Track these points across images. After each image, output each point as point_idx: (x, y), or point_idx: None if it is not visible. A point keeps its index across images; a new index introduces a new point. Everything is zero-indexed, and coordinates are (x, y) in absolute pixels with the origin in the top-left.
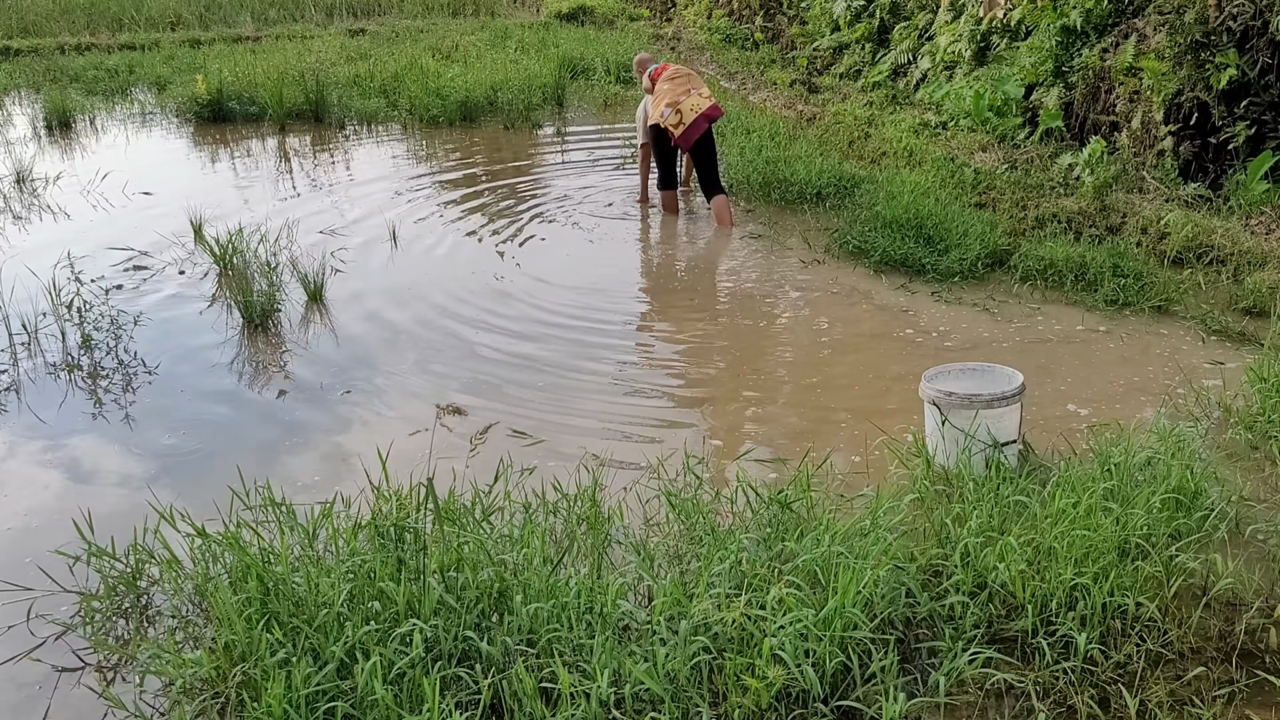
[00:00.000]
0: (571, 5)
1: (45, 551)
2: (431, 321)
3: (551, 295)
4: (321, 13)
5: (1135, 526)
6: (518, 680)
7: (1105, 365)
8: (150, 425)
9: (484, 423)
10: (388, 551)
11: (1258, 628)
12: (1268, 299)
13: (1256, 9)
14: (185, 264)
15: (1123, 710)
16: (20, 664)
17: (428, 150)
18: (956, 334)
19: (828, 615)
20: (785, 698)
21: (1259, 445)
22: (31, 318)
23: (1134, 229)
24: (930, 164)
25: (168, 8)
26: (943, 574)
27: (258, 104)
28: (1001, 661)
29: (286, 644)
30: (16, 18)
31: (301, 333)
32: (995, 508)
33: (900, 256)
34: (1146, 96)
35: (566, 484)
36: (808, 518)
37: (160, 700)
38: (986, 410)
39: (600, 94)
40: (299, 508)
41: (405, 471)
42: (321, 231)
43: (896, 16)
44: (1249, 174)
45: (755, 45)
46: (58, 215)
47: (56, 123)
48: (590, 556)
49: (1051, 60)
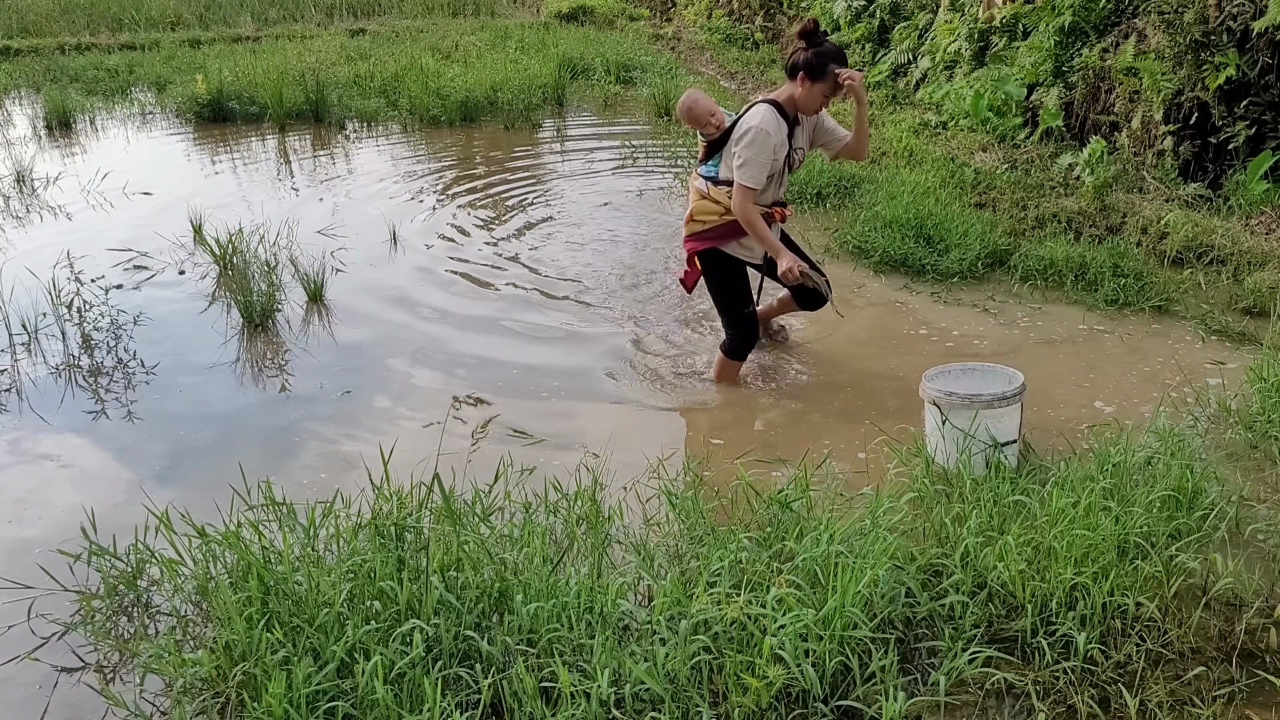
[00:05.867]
0: (571, 5)
1: (46, 551)
2: (432, 321)
3: (552, 295)
4: (321, 13)
5: (1135, 526)
6: (518, 680)
7: (1105, 365)
8: (150, 425)
9: (487, 422)
10: (388, 551)
11: (1258, 628)
12: (1268, 299)
13: (1256, 9)
14: (185, 264)
15: (1123, 710)
16: (20, 663)
17: (428, 150)
18: (956, 334)
19: (827, 615)
20: (785, 697)
21: (1259, 445)
22: (32, 318)
23: (1134, 229)
24: (930, 164)
25: (168, 8)
26: (942, 574)
27: (258, 104)
28: (1001, 661)
29: (287, 644)
30: (16, 18)
31: (301, 333)
32: (995, 507)
33: (900, 256)
34: (1146, 96)
35: (566, 484)
36: (807, 517)
37: (161, 700)
38: (986, 410)
39: (600, 94)
40: (299, 507)
41: (406, 471)
42: (321, 231)
43: (896, 16)
44: (1249, 174)
45: (755, 45)
46: (58, 215)
47: (56, 123)
48: (590, 556)
49: (1051, 60)
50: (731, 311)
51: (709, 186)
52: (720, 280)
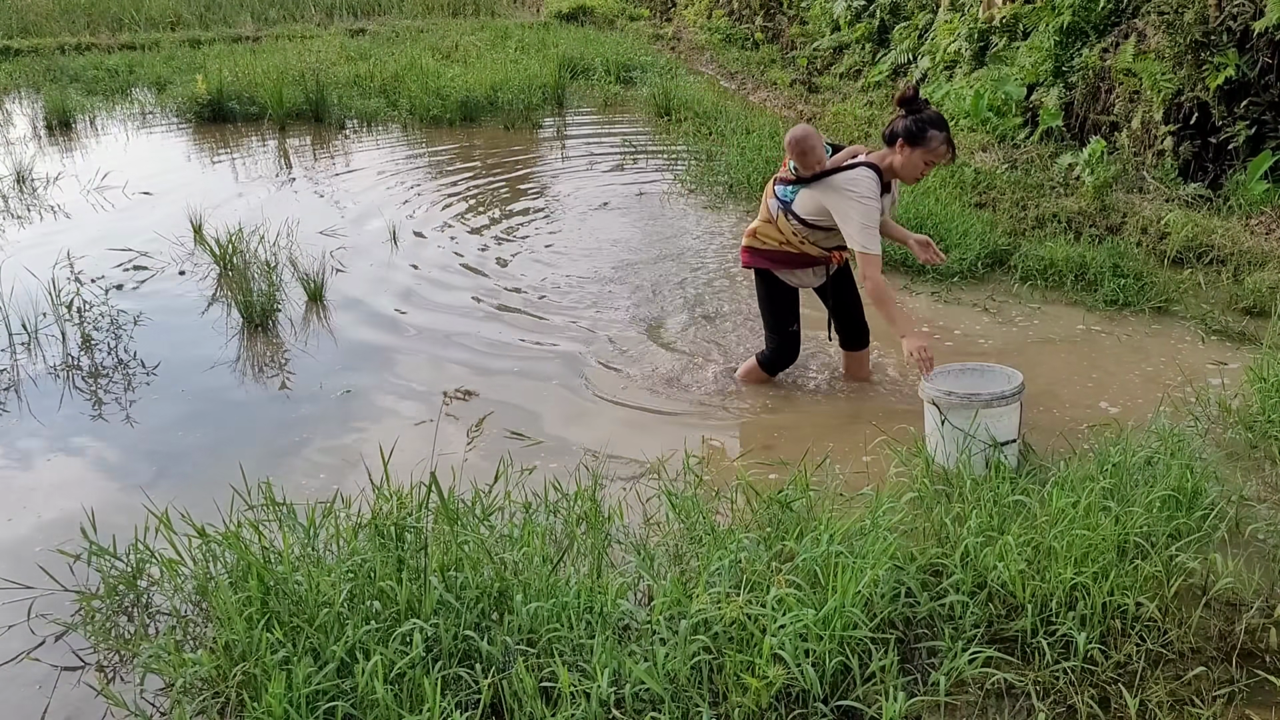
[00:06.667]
0: (571, 5)
1: (46, 550)
2: (432, 321)
3: (552, 295)
4: (321, 13)
5: (1135, 526)
6: (518, 680)
7: (1108, 365)
8: (150, 425)
9: (482, 419)
10: (388, 551)
11: (1258, 627)
12: (1268, 299)
13: (1256, 9)
14: (185, 264)
15: (1123, 710)
16: (20, 663)
17: (428, 150)
18: (958, 334)
19: (827, 615)
20: (785, 697)
21: (1259, 445)
22: (31, 318)
23: (1134, 229)
24: None
25: (168, 8)
26: (942, 574)
27: (258, 104)
28: (1001, 661)
29: (287, 643)
30: (16, 18)
31: (301, 333)
32: (995, 507)
33: (900, 256)
34: (1146, 96)
35: (566, 484)
36: (807, 517)
37: (161, 700)
38: (985, 409)
39: (600, 94)
40: (299, 507)
41: (405, 471)
42: (321, 231)
43: (896, 16)
44: (1249, 174)
45: (755, 45)
46: (58, 215)
47: (56, 123)
48: (590, 556)
49: (1051, 60)
50: (776, 329)
51: (780, 212)
52: (768, 295)
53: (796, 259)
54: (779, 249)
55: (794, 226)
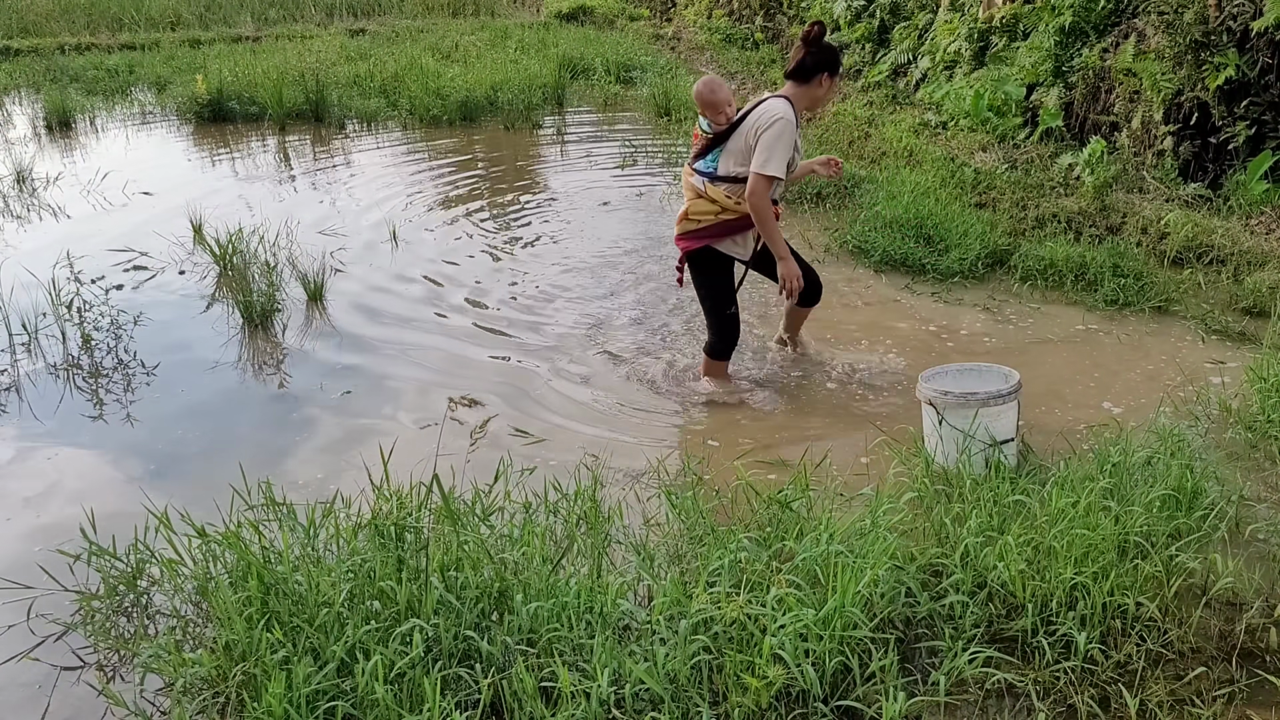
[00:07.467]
0: (571, 5)
1: (46, 550)
2: (432, 322)
3: (553, 295)
4: (321, 13)
5: (1135, 526)
6: (518, 680)
7: (1109, 365)
8: (150, 425)
9: (486, 421)
10: (388, 551)
11: (1258, 627)
12: (1268, 299)
13: (1256, 9)
14: (185, 264)
15: (1123, 710)
16: (20, 663)
17: (428, 150)
18: (960, 333)
19: (827, 615)
20: (785, 697)
21: (1259, 445)
22: (31, 318)
23: (1134, 229)
24: (930, 164)
25: (168, 8)
26: (942, 574)
27: (258, 104)
28: (1001, 661)
29: (287, 643)
30: (16, 18)
31: (302, 333)
32: (995, 507)
33: (900, 256)
34: (1146, 96)
35: (566, 484)
36: (807, 517)
37: (161, 699)
38: (983, 409)
39: (600, 94)
40: (299, 507)
41: (406, 471)
42: (321, 231)
43: (896, 16)
44: (1249, 174)
45: (755, 45)
46: (58, 215)
47: (56, 123)
48: (590, 556)
49: (1051, 60)
50: (715, 312)
51: (705, 184)
52: (707, 279)
53: (736, 224)
54: (717, 220)
55: (725, 189)
